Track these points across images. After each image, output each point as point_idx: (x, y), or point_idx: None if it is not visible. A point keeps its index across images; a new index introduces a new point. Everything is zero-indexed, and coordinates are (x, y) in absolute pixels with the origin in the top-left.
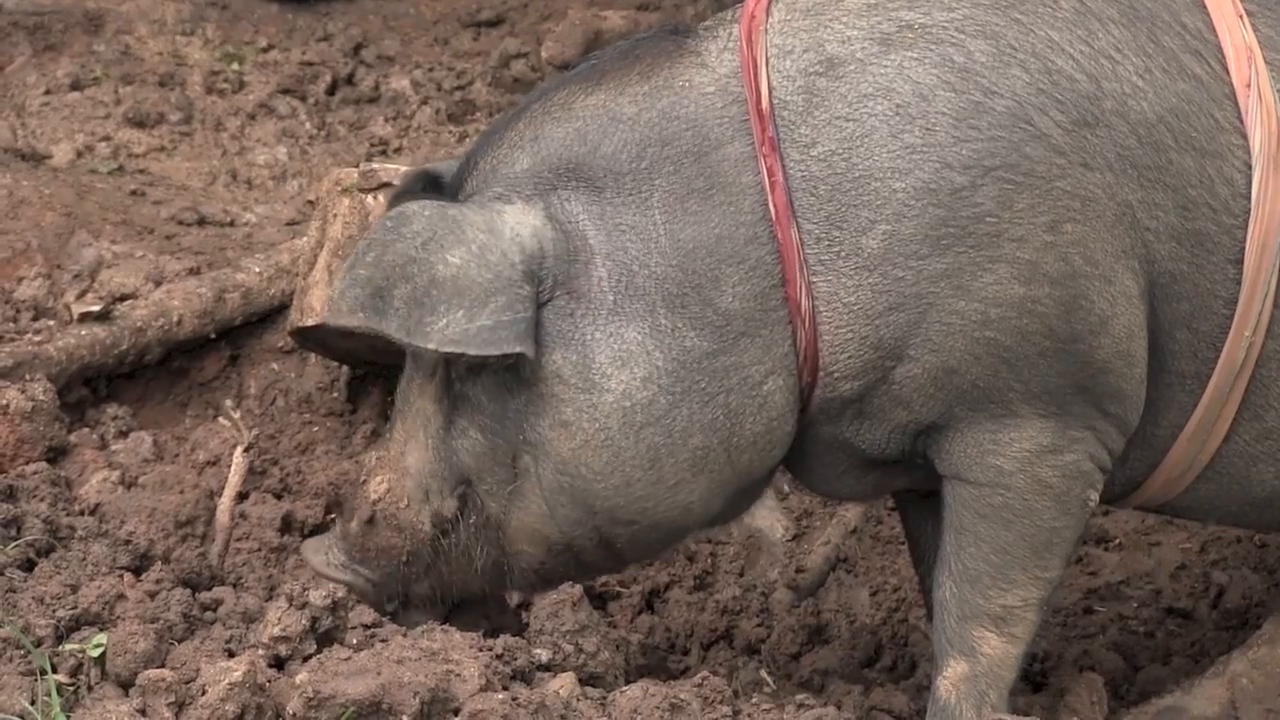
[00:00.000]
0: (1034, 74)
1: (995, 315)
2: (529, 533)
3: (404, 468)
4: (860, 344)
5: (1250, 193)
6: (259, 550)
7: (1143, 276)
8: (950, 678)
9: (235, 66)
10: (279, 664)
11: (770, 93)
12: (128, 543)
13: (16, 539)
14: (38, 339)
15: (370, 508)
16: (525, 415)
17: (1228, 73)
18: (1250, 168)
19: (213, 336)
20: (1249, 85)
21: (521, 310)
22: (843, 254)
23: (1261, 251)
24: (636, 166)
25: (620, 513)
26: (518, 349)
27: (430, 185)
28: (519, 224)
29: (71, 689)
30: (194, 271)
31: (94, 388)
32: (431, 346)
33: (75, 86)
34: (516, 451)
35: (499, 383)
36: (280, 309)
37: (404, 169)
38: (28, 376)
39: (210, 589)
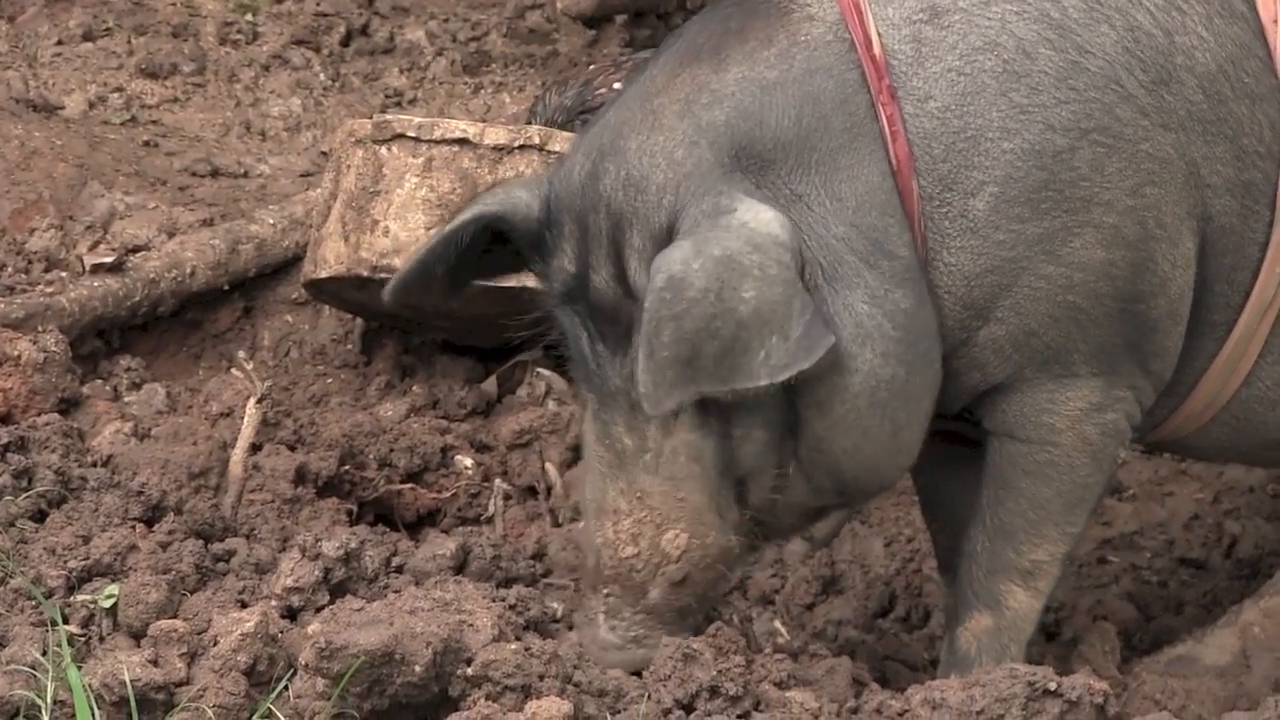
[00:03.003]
0: (1120, 31)
1: (1078, 280)
2: (795, 507)
3: (692, 509)
4: (955, 302)
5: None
6: (272, 502)
7: (1199, 236)
8: (972, 629)
9: (249, 17)
10: (291, 615)
11: (880, 36)
12: (140, 494)
13: (28, 490)
14: (50, 290)
15: (680, 568)
16: (789, 393)
17: (1255, 9)
18: None
19: (226, 288)
20: (1276, 20)
21: (810, 302)
22: (951, 215)
23: None
24: (797, 132)
25: (864, 484)
26: (831, 339)
27: (490, 233)
28: (762, 224)
29: (83, 640)
30: (207, 223)
31: (106, 339)
32: (763, 382)
33: (87, 37)
34: (785, 434)
35: None
36: (294, 261)
37: (418, 120)
38: (40, 328)
39: (223, 540)
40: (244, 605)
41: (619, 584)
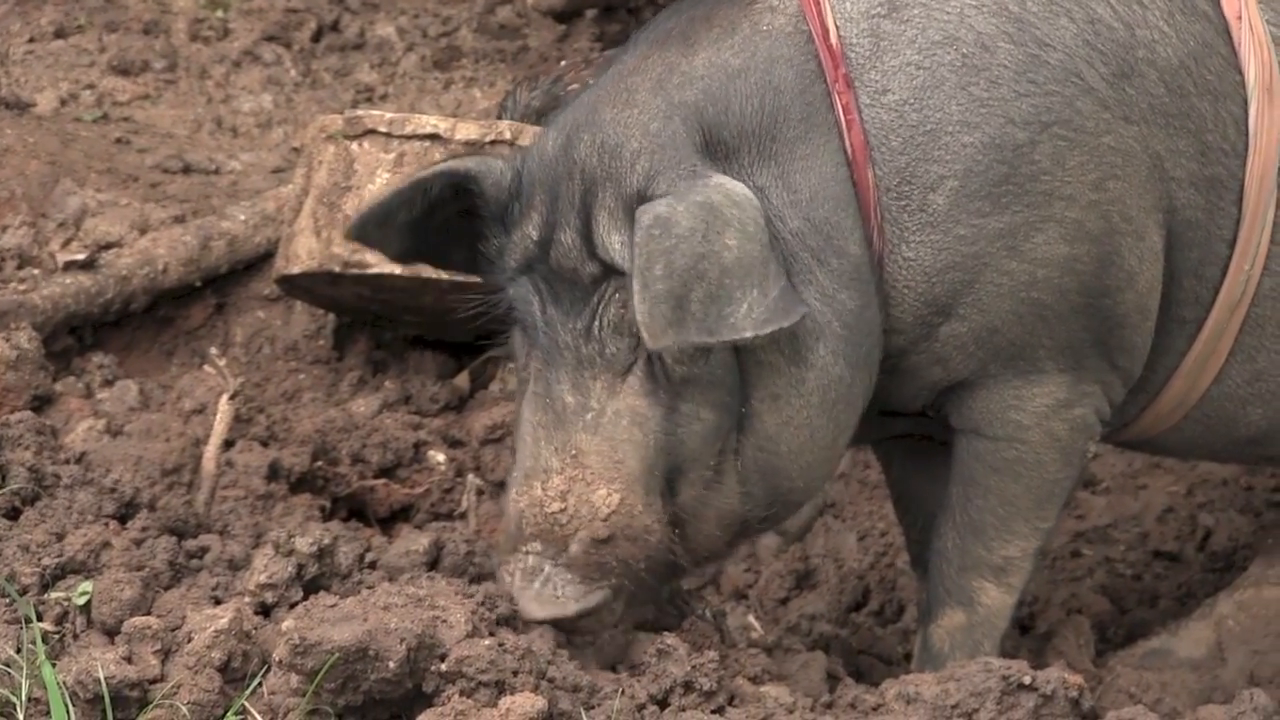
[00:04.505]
0: (1080, 24)
1: (1041, 276)
2: (722, 515)
3: (627, 474)
4: (916, 298)
5: (1248, 126)
6: (245, 498)
7: (1165, 229)
8: (945, 626)
9: (220, 14)
10: (265, 611)
11: (837, 29)
12: (113, 491)
13: (1, 487)
14: (22, 287)
15: (607, 527)
16: (744, 385)
17: (1219, 5)
18: (1246, 101)
19: (198, 285)
20: (1240, 17)
21: (783, 272)
22: (910, 209)
23: (1260, 184)
24: (760, 120)
25: (797, 492)
26: (805, 308)
27: (455, 190)
28: (738, 188)
29: (57, 637)
30: (179, 219)
31: (79, 336)
32: (748, 334)
33: (59, 34)
34: (731, 427)
35: (731, 351)
36: (266, 257)
37: (389, 115)
38: (13, 325)
39: (196, 537)
40: (218, 602)
41: (540, 540)
